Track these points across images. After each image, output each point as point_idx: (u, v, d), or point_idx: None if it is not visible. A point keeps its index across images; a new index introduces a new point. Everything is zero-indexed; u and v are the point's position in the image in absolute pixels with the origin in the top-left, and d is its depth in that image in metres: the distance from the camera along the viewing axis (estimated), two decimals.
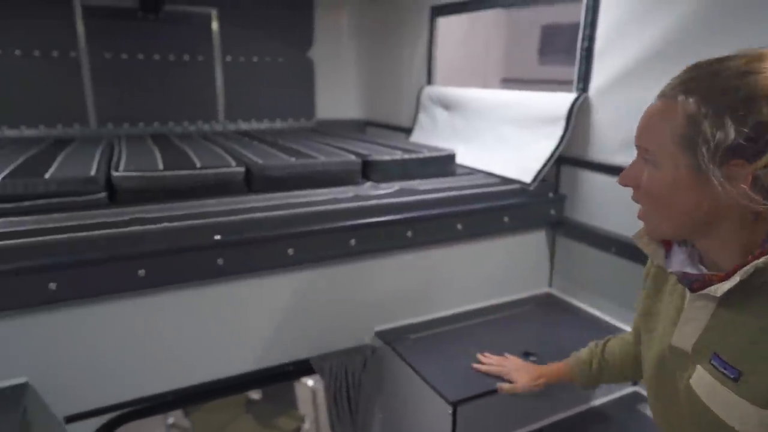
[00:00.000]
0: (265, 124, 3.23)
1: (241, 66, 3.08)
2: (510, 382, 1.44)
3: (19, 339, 1.32)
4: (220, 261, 1.46)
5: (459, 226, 1.80)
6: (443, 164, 2.10)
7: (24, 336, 1.32)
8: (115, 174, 1.64)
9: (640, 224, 0.93)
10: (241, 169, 1.78)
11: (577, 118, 1.85)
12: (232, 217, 1.52)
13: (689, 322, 0.85)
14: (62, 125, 2.73)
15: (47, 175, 1.58)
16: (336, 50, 3.37)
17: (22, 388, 1.32)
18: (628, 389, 1.73)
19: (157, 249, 1.39)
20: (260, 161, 1.84)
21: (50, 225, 1.40)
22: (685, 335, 0.85)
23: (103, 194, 1.62)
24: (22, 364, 1.33)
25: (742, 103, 0.69)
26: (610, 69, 1.74)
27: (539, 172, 1.89)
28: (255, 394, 3.58)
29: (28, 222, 1.43)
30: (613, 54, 1.72)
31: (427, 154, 2.07)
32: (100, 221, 1.45)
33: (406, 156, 2.02)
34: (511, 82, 6.25)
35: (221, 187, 1.74)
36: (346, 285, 1.70)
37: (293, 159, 1.89)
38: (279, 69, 3.19)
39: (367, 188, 1.85)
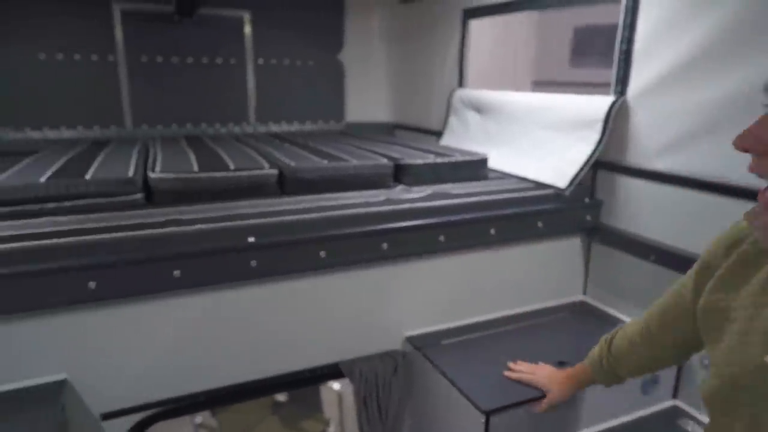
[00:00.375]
0: (295, 127, 3.26)
1: (272, 68, 3.13)
2: (542, 392, 1.41)
3: (59, 336, 1.35)
4: (253, 263, 1.47)
5: (492, 231, 1.78)
6: (475, 168, 2.08)
7: (64, 333, 1.35)
8: (151, 175, 1.68)
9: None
10: (274, 172, 1.79)
11: (615, 121, 1.81)
12: (265, 220, 1.53)
13: None
14: (99, 127, 2.81)
15: (88, 176, 1.62)
16: (366, 53, 3.38)
17: (61, 384, 1.35)
18: (668, 403, 1.68)
19: (192, 250, 1.41)
20: (293, 164, 1.85)
21: (90, 225, 1.44)
22: None
23: (140, 195, 1.65)
24: (62, 361, 1.36)
25: None
26: (650, 72, 1.70)
27: (575, 176, 1.86)
28: (281, 396, 3.61)
29: (69, 222, 1.47)
30: (653, 56, 1.68)
31: (459, 157, 2.06)
32: (137, 222, 1.47)
33: (439, 160, 2.01)
34: (542, 84, 6.18)
35: (254, 189, 1.75)
36: (377, 289, 1.70)
37: (325, 162, 1.90)
38: (309, 72, 3.22)
39: (399, 192, 1.84)
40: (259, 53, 3.08)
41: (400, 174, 1.96)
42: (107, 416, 1.46)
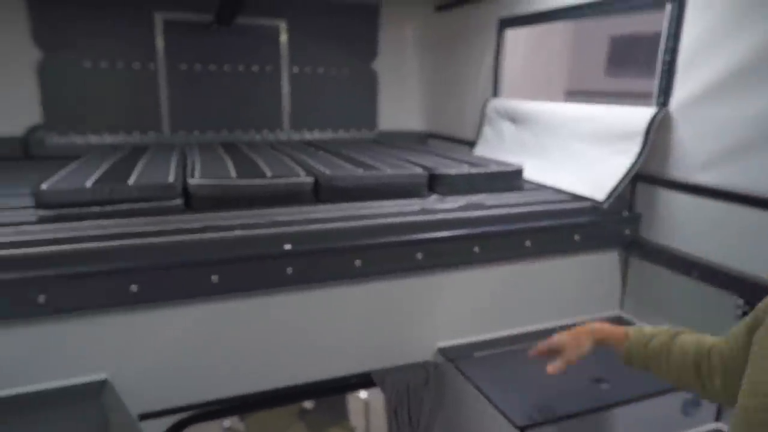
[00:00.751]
0: (328, 134, 3.29)
1: (306, 77, 3.17)
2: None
3: (101, 337, 1.39)
4: (289, 270, 1.49)
5: (527, 243, 1.76)
6: (511, 179, 2.06)
7: (105, 334, 1.39)
8: (191, 181, 1.71)
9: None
10: (310, 180, 1.81)
11: (657, 133, 1.77)
12: (302, 227, 1.55)
13: None
14: (139, 132, 2.90)
15: (130, 181, 1.67)
16: (399, 62, 3.41)
17: (102, 384, 1.39)
18: (710, 425, 1.62)
19: (230, 256, 1.44)
20: (328, 172, 1.87)
21: (132, 229, 1.48)
22: None
23: (179, 200, 1.69)
24: (103, 361, 1.40)
25: None
26: (696, 82, 1.66)
27: (614, 189, 1.82)
28: (308, 404, 3.63)
29: (112, 225, 1.51)
30: (700, 66, 1.64)
31: (494, 168, 2.04)
32: (177, 227, 1.51)
33: (473, 170, 2.00)
34: (576, 94, 6.11)
35: (290, 196, 1.78)
36: (410, 299, 1.70)
37: (360, 170, 1.91)
38: (343, 80, 3.25)
39: (433, 201, 1.84)
40: (295, 61, 3.13)
41: (435, 183, 1.96)
42: (144, 417, 1.49)
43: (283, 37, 3.09)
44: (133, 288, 1.35)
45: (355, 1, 3.20)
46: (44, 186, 1.57)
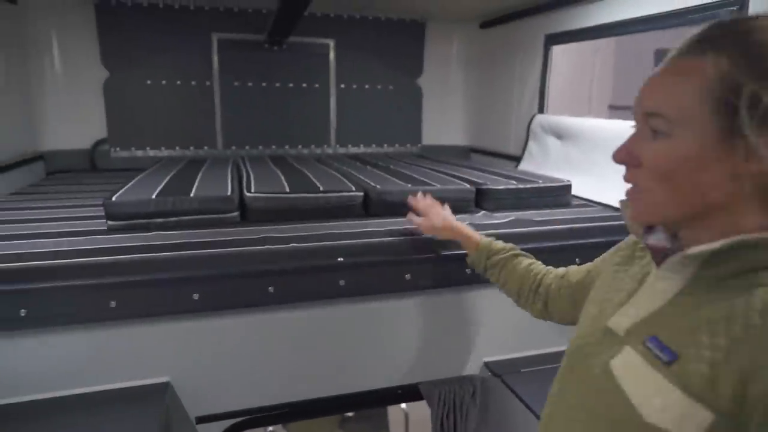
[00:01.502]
0: (372, 149, 3.36)
1: (353, 93, 3.26)
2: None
3: (164, 342, 1.46)
4: (341, 282, 1.53)
5: (577, 260, 1.74)
6: (559, 195, 2.06)
7: (169, 340, 1.46)
8: (247, 194, 1.79)
9: None
10: (360, 194, 1.86)
11: None
12: (354, 241, 1.59)
13: (639, 305, 0.77)
14: (194, 147, 3.05)
15: (191, 194, 1.75)
16: (444, 77, 3.45)
17: (165, 386, 1.45)
18: None
19: (286, 268, 1.49)
20: (378, 186, 1.91)
21: (194, 240, 1.56)
22: (626, 317, 0.78)
23: (236, 213, 1.76)
24: (166, 364, 1.47)
25: None
26: None
27: None
28: (349, 413, 3.66)
29: (175, 236, 1.59)
30: None
31: (542, 183, 2.04)
32: (235, 238, 1.58)
33: (521, 185, 2.01)
34: (619, 109, 6.01)
35: (341, 209, 1.83)
36: (458, 313, 1.71)
37: (409, 185, 1.94)
38: (388, 96, 3.32)
39: (481, 217, 1.85)
40: (342, 78, 3.22)
41: (482, 199, 1.97)
42: (201, 420, 1.55)
43: (332, 55, 3.18)
44: (195, 296, 1.42)
45: (402, 19, 3.26)
46: (114, 198, 1.68)
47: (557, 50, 2.69)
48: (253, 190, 1.82)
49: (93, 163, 2.91)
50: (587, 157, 2.30)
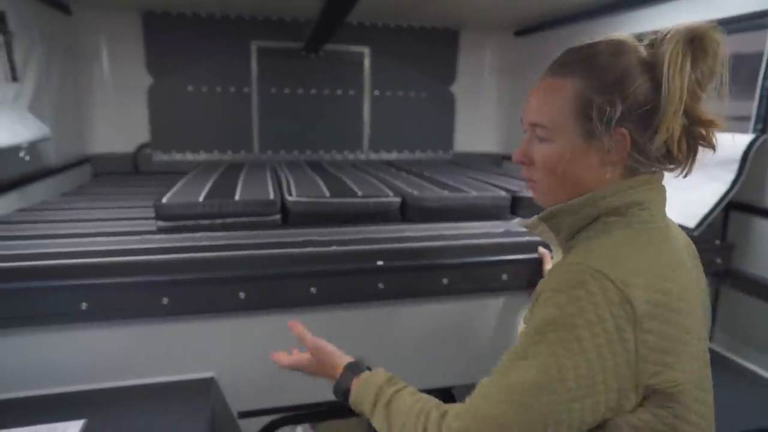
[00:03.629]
0: (405, 155, 3.39)
1: (387, 100, 3.30)
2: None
3: (211, 339, 1.51)
4: (380, 285, 1.56)
5: None
6: None
7: (215, 337, 1.51)
8: (289, 198, 1.83)
9: None
10: (398, 199, 1.89)
11: (754, 161, 1.71)
12: (392, 245, 1.62)
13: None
14: (231, 151, 3.12)
15: (236, 197, 1.81)
16: (477, 85, 3.47)
17: (210, 381, 1.50)
18: None
19: (327, 269, 1.52)
20: (415, 192, 1.93)
21: (240, 241, 1.61)
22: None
23: (278, 216, 1.81)
24: (211, 361, 1.52)
25: (620, 79, 0.80)
26: None
27: (705, 217, 1.77)
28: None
29: (221, 237, 1.65)
30: None
31: None
32: (279, 240, 1.62)
33: None
34: None
35: (380, 214, 1.86)
36: (493, 317, 1.72)
37: (445, 192, 1.97)
38: (422, 103, 3.36)
39: (517, 224, 1.86)
40: (376, 85, 3.27)
41: (517, 206, 1.98)
42: (243, 415, 1.60)
43: (366, 62, 3.23)
44: (241, 295, 1.47)
45: (435, 27, 3.29)
46: (164, 200, 1.74)
47: None
48: (294, 195, 1.86)
49: (136, 165, 3.01)
50: None
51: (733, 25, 1.86)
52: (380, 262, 1.56)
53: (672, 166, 0.85)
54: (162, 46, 2.90)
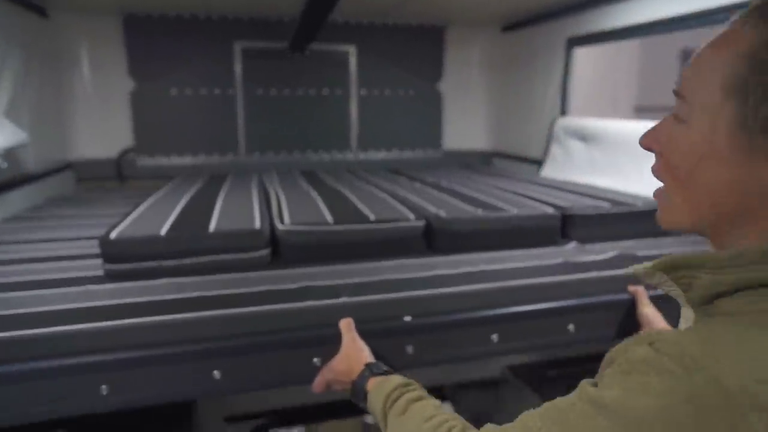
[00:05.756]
0: (393, 154, 3.16)
1: (374, 99, 3.01)
2: None
3: None
4: (409, 349, 1.09)
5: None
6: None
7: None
8: (280, 227, 1.35)
9: None
10: (420, 224, 1.41)
11: None
12: (423, 292, 1.14)
13: None
14: (218, 155, 2.82)
15: (211, 228, 1.33)
16: (465, 82, 3.18)
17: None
18: None
19: (336, 333, 1.05)
20: (442, 213, 1.45)
21: (213, 292, 1.13)
22: None
23: (266, 251, 1.33)
24: None
25: None
26: None
27: None
28: (370, 419, 3.30)
29: (190, 286, 1.17)
30: None
31: (641, 207, 1.58)
32: (267, 289, 1.14)
33: (615, 209, 1.55)
34: (646, 110, 5.62)
35: (398, 244, 1.38)
36: None
37: (479, 211, 1.49)
38: (409, 101, 3.07)
39: (574, 251, 1.40)
40: (363, 84, 2.97)
41: (569, 226, 1.51)
42: (228, 419, 1.39)
43: (353, 61, 2.93)
44: (216, 374, 1.00)
45: (421, 24, 3.01)
46: (113, 234, 1.25)
47: (580, 52, 2.46)
48: (287, 221, 1.38)
49: (120, 171, 2.72)
50: (613, 159, 2.05)
51: (718, 21, 1.59)
52: (408, 318, 1.10)
53: None
54: (144, 49, 2.64)
